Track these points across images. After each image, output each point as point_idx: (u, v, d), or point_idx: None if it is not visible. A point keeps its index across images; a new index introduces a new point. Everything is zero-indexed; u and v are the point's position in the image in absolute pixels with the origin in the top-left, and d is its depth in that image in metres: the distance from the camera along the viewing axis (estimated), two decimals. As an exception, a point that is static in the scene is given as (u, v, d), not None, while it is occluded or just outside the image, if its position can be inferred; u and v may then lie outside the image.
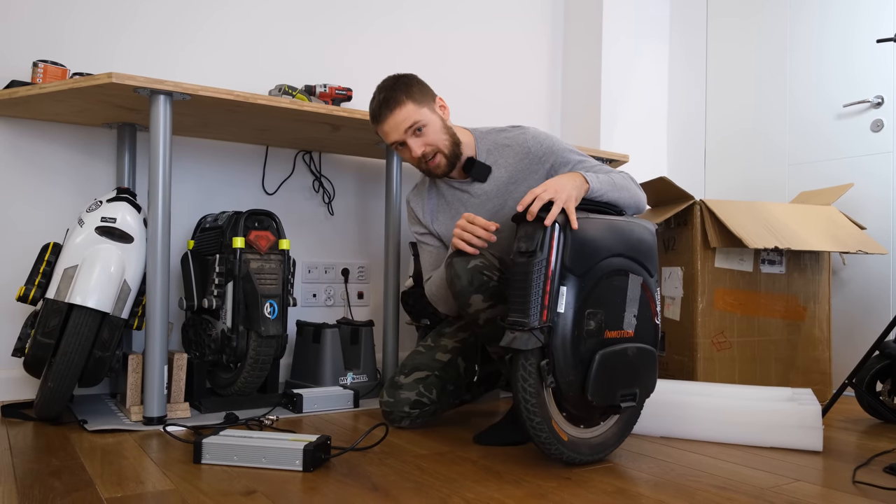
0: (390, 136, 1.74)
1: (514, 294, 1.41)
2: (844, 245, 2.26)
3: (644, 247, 1.54)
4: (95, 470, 1.37)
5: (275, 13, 2.53)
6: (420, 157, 1.73)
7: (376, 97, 1.75)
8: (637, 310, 1.51)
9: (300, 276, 2.57)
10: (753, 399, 1.79)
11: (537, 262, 1.38)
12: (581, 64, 3.19)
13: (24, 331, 1.81)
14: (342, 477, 1.36)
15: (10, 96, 1.87)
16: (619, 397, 1.47)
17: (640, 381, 1.52)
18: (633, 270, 1.50)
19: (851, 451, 1.68)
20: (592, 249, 1.44)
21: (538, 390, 1.40)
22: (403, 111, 1.71)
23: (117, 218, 1.79)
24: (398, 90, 1.72)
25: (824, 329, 2.42)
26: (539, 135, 1.79)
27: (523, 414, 1.41)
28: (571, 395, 1.42)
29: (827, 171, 2.72)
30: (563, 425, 1.46)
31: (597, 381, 1.42)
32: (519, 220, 1.46)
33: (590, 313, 1.43)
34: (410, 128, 1.71)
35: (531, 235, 1.42)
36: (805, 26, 2.83)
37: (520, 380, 1.40)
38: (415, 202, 1.92)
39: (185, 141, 2.36)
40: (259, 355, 1.97)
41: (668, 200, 2.40)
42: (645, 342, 1.53)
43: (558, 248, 1.40)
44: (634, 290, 1.51)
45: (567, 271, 1.40)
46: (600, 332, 1.44)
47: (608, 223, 1.50)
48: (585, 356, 1.42)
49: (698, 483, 1.38)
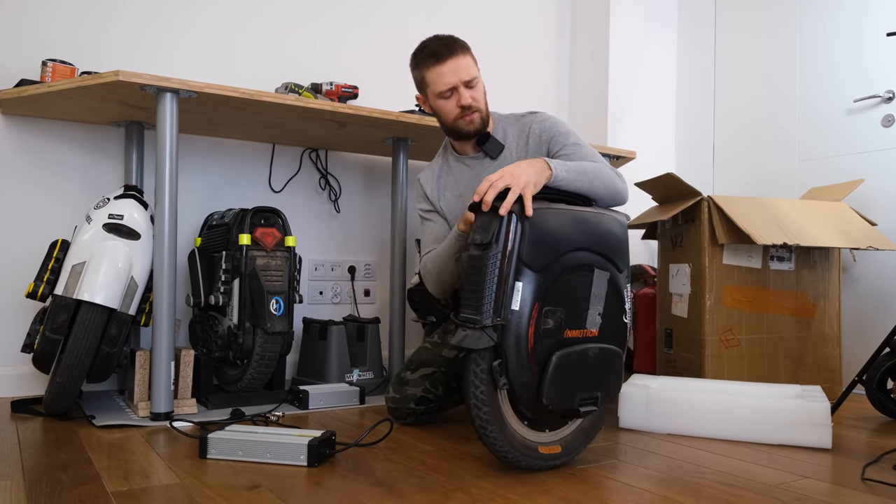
0: (446, 77, 1.72)
1: (467, 289, 1.32)
2: (855, 241, 2.23)
3: (613, 241, 1.44)
4: (102, 464, 1.38)
5: (282, 12, 2.53)
6: (465, 106, 1.73)
7: (435, 41, 1.75)
8: (603, 308, 1.41)
9: (307, 273, 2.57)
10: (762, 396, 1.78)
11: (492, 255, 1.30)
12: (588, 59, 3.18)
13: (33, 327, 1.83)
14: (347, 472, 1.36)
15: (20, 94, 1.88)
16: (579, 401, 1.37)
17: (603, 384, 1.42)
18: (599, 266, 1.41)
19: (861, 448, 1.66)
20: (553, 242, 1.34)
21: (490, 394, 1.31)
22: (467, 60, 1.73)
23: (125, 215, 1.80)
24: (460, 42, 1.74)
25: (834, 326, 2.40)
26: (547, 119, 1.80)
27: (475, 421, 1.32)
28: (526, 397, 1.33)
29: (837, 166, 2.69)
30: (522, 432, 1.38)
31: (553, 384, 1.32)
32: (475, 209, 1.37)
33: (548, 311, 1.33)
34: (469, 80, 1.72)
35: (486, 226, 1.33)
36: (815, 20, 2.80)
37: (470, 383, 1.31)
38: (425, 180, 1.92)
39: (192, 139, 2.37)
40: (265, 352, 1.98)
41: (676, 197, 2.38)
42: (610, 342, 1.43)
43: (514, 241, 1.30)
44: (600, 287, 1.41)
45: (523, 265, 1.30)
46: (559, 331, 1.34)
47: (572, 214, 1.40)
48: (542, 357, 1.32)
49: (705, 480, 1.37)
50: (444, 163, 1.91)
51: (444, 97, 1.74)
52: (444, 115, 1.77)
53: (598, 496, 1.25)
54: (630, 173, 3.02)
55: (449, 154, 1.90)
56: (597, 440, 1.69)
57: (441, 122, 1.81)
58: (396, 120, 2.15)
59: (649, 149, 3.19)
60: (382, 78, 2.73)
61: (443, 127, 1.82)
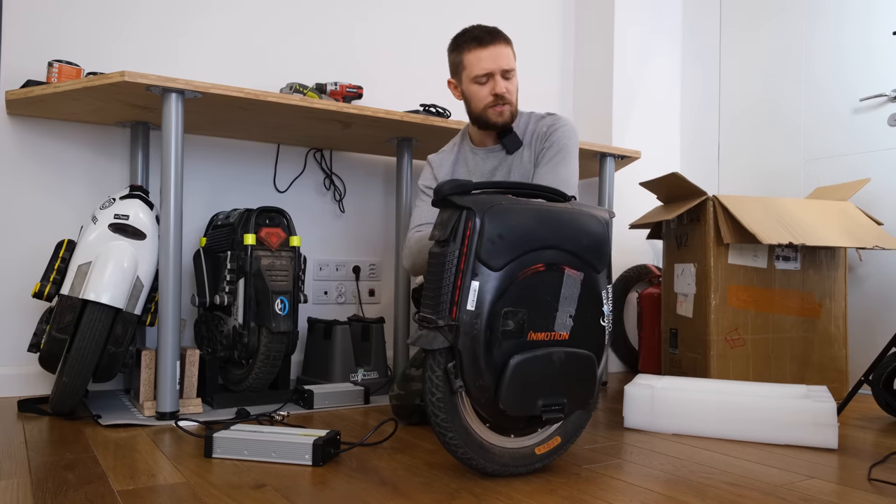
0: (485, 62, 1.74)
1: (426, 287, 1.29)
2: (861, 241, 2.22)
3: (587, 239, 1.35)
4: (108, 463, 1.38)
5: (286, 13, 2.54)
6: (499, 95, 1.74)
7: (479, 27, 1.77)
8: (575, 310, 1.34)
9: (312, 273, 2.58)
10: (767, 396, 1.77)
11: (449, 252, 1.26)
12: (592, 59, 3.18)
13: (39, 327, 1.84)
14: (351, 471, 1.36)
15: (26, 95, 1.89)
16: (541, 408, 1.30)
17: (571, 390, 1.34)
18: (569, 265, 1.33)
19: (867, 448, 1.65)
20: (514, 240, 1.27)
21: (446, 395, 1.27)
22: (507, 50, 1.75)
23: (130, 215, 1.81)
24: (504, 34, 1.77)
25: (840, 326, 2.39)
26: (558, 128, 1.81)
27: (435, 427, 1.28)
28: (484, 401, 1.28)
29: (843, 165, 2.68)
30: (486, 436, 1.33)
31: (510, 389, 1.26)
32: (437, 205, 1.34)
33: (508, 312, 1.26)
34: (506, 70, 1.74)
35: (446, 223, 1.29)
36: (821, 18, 2.79)
37: (427, 390, 1.27)
38: (437, 162, 1.93)
39: (197, 139, 2.38)
40: (270, 351, 1.98)
41: (681, 196, 2.38)
42: (582, 346, 1.35)
43: (472, 238, 1.25)
44: (571, 288, 1.33)
45: (481, 264, 1.24)
46: (521, 333, 1.28)
47: (538, 212, 1.31)
48: (500, 360, 1.26)
49: (710, 480, 1.37)
50: (460, 151, 1.92)
51: (480, 82, 1.75)
52: (476, 101, 1.78)
53: (603, 496, 1.25)
54: (635, 173, 3.03)
55: (465, 143, 1.92)
56: (602, 440, 1.69)
57: (469, 108, 1.82)
58: (401, 120, 2.15)
59: (654, 148, 3.18)
60: (387, 78, 2.73)
61: (470, 115, 1.83)
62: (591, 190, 2.96)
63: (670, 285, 2.44)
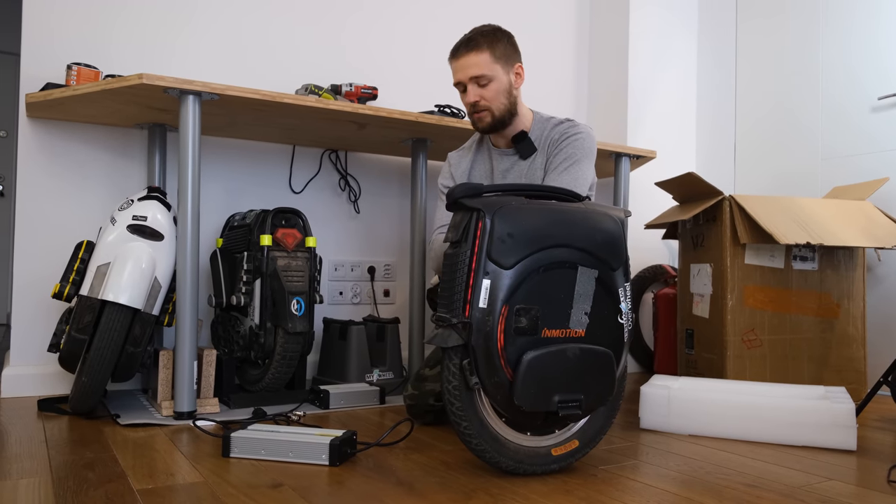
0: (456, 73, 1.80)
1: (442, 287, 1.34)
2: (879, 241, 2.20)
3: (602, 237, 1.37)
4: (127, 462, 1.40)
5: (301, 14, 2.55)
6: (471, 104, 1.79)
7: (463, 37, 1.81)
8: (590, 307, 1.35)
9: (327, 274, 2.59)
10: (785, 397, 1.76)
11: (462, 253, 1.31)
12: (607, 58, 3.17)
13: (59, 327, 1.86)
14: (368, 471, 1.37)
15: (46, 98, 1.91)
16: (557, 404, 1.31)
17: (588, 386, 1.34)
18: (583, 263, 1.34)
19: (886, 450, 1.64)
20: (525, 239, 1.30)
21: (462, 392, 1.31)
22: (477, 58, 1.76)
23: (148, 216, 1.83)
24: (484, 37, 1.78)
25: (859, 327, 2.36)
26: (572, 135, 1.81)
27: (450, 416, 1.33)
28: (500, 398, 1.30)
29: (861, 165, 2.65)
30: (502, 430, 1.36)
31: (524, 384, 1.28)
32: (450, 208, 1.39)
33: (520, 309, 1.29)
34: (476, 77, 1.76)
35: (458, 225, 1.34)
36: (838, 16, 2.76)
37: (444, 380, 1.32)
38: (456, 159, 1.96)
39: (213, 141, 2.40)
40: (286, 352, 1.99)
41: (697, 196, 2.36)
42: (598, 343, 1.36)
43: (483, 238, 1.29)
44: (586, 285, 1.35)
45: (492, 263, 1.28)
46: (535, 330, 1.30)
47: (550, 211, 1.35)
48: (513, 356, 1.29)
49: (727, 481, 1.36)
50: (478, 149, 1.94)
51: (460, 91, 1.82)
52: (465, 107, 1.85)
53: (619, 497, 1.25)
54: (650, 173, 3.01)
55: (485, 142, 1.93)
56: (618, 441, 1.68)
57: None
58: (416, 121, 2.15)
59: (670, 148, 3.17)
60: (402, 79, 2.73)
61: None
62: (606, 190, 2.95)
63: (686, 285, 2.43)
